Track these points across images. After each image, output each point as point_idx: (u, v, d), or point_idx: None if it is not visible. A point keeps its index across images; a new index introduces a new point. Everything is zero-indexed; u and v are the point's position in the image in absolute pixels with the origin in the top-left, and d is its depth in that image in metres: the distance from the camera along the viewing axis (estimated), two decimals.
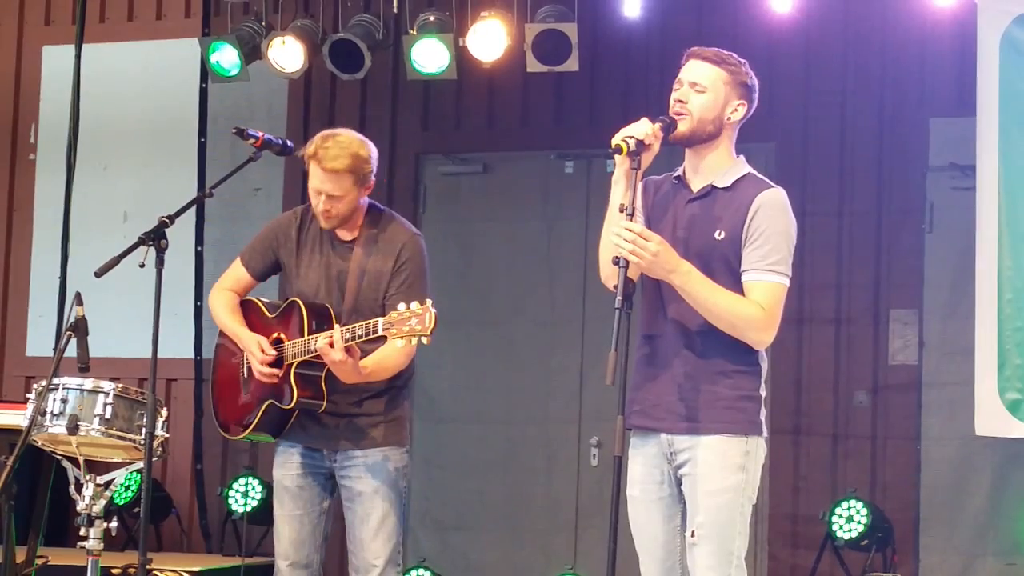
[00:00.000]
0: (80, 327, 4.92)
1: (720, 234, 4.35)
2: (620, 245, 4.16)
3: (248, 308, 5.29)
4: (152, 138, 8.94)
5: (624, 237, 4.16)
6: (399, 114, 8.71)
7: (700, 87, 4.39)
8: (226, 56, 7.99)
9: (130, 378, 6.99)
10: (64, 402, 4.99)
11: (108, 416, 4.98)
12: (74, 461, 5.07)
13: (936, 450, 7.73)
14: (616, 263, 4.17)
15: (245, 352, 5.16)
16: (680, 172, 4.51)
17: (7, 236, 9.15)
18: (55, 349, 5.01)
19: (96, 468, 5.12)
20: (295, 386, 5.00)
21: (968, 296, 7.23)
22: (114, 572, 6.94)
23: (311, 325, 5.01)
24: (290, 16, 7.98)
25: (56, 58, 9.00)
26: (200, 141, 8.60)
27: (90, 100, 8.53)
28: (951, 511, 7.66)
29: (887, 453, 7.84)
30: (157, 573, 7.03)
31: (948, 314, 7.71)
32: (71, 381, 5.02)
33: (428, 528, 8.44)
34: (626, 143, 4.25)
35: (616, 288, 4.15)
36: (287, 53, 7.84)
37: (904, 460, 7.80)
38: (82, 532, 5.01)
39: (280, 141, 5.27)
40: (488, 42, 7.68)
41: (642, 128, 4.28)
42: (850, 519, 7.43)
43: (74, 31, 8.52)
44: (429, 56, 7.73)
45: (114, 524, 5.08)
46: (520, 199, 8.58)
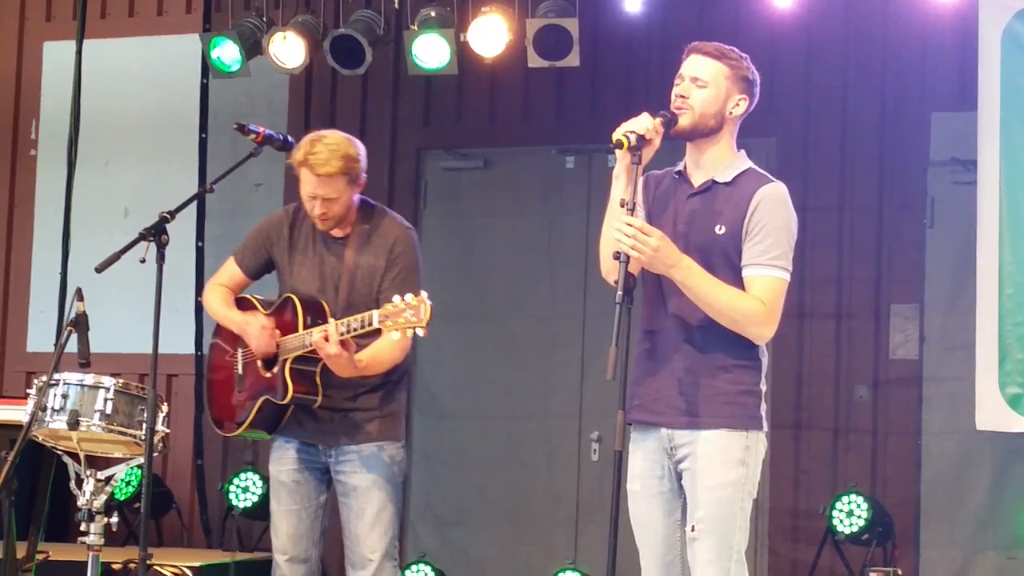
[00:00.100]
0: (81, 323, 4.92)
1: (721, 229, 4.34)
2: (621, 240, 4.16)
3: (243, 305, 5.28)
4: (153, 134, 8.94)
5: (625, 232, 4.16)
6: (400, 110, 8.71)
7: (701, 82, 4.38)
8: (227, 52, 7.98)
9: (131, 374, 6.98)
10: (65, 398, 4.99)
11: (109, 412, 4.98)
12: (75, 457, 5.07)
13: (937, 445, 7.73)
14: (617, 258, 4.17)
15: (244, 336, 5.15)
16: (681, 167, 4.51)
17: (8, 232, 9.15)
18: (56, 345, 4.99)
19: (97, 464, 5.12)
20: (290, 382, 4.99)
21: (969, 291, 7.23)
22: (115, 567, 6.94)
23: (306, 320, 5.00)
24: (291, 12, 7.98)
25: (57, 54, 9.00)
26: (201, 137, 8.59)
27: (91, 96, 8.52)
28: (952, 506, 7.65)
29: (888, 448, 7.84)
30: (158, 568, 7.03)
31: (949, 309, 7.70)
32: (72, 377, 5.02)
33: (428, 523, 8.42)
34: (627, 138, 4.24)
35: (617, 283, 4.15)
36: (288, 49, 7.84)
37: (905, 455, 7.80)
38: (83, 527, 5.02)
39: (281, 137, 5.28)
40: (489, 37, 7.68)
41: (643, 123, 4.28)
42: (850, 514, 7.43)
43: (75, 27, 8.50)
44: (430, 51, 7.73)
45: (115, 519, 5.09)
46: (521, 194, 8.57)
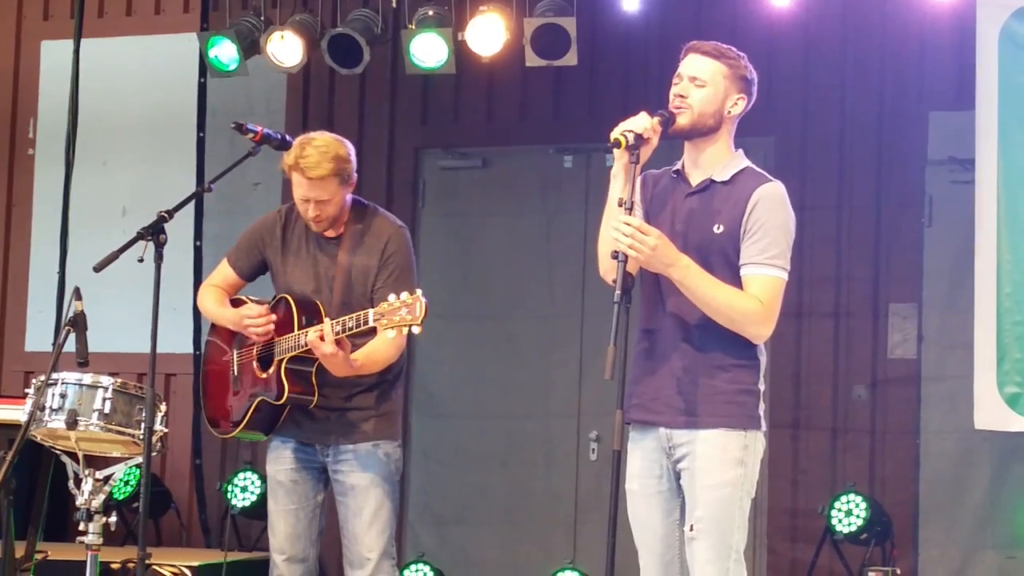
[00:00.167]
0: (79, 322, 4.92)
1: (719, 228, 4.34)
2: (619, 239, 4.16)
3: (238, 306, 5.26)
4: (151, 133, 8.94)
5: (623, 231, 4.16)
6: (398, 109, 8.70)
7: (700, 81, 4.38)
8: (225, 51, 7.98)
9: (129, 373, 6.98)
10: (63, 397, 5.00)
11: (107, 411, 4.99)
12: (73, 456, 5.08)
13: (935, 444, 7.73)
14: (615, 257, 4.17)
15: (240, 328, 5.14)
16: (679, 166, 4.51)
17: (6, 231, 9.14)
18: (54, 344, 5.00)
19: (95, 463, 5.13)
20: (286, 382, 4.99)
21: (967, 290, 7.23)
22: (113, 567, 6.94)
23: (301, 320, 5.00)
24: (289, 11, 7.97)
25: (54, 53, 9.00)
26: (199, 136, 8.58)
27: (89, 95, 8.51)
28: (950, 505, 7.65)
29: (886, 447, 7.84)
30: (156, 568, 7.02)
31: (947, 308, 7.70)
32: (70, 376, 5.03)
33: (427, 522, 8.42)
34: (625, 137, 4.24)
35: (615, 282, 4.15)
36: (286, 48, 7.84)
37: (903, 454, 7.80)
38: (81, 527, 5.03)
39: (279, 136, 5.28)
40: (487, 36, 7.67)
41: (641, 122, 4.28)
42: (849, 513, 7.43)
43: (72, 26, 8.49)
44: (428, 50, 7.72)
45: (113, 519, 5.09)
46: (519, 193, 8.57)
